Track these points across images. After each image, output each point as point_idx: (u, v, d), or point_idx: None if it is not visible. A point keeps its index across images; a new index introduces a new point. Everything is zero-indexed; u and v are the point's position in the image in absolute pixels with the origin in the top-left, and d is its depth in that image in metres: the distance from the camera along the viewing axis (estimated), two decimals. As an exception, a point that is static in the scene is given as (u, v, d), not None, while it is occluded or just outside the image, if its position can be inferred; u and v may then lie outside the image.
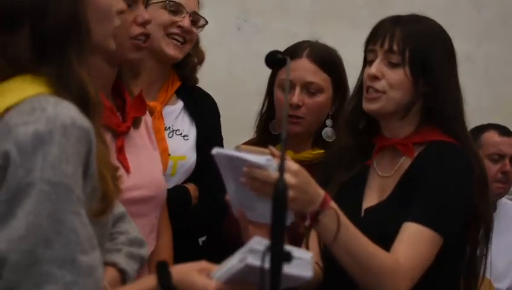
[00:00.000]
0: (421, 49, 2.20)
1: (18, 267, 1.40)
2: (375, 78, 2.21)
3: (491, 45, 4.06)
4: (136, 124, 2.29)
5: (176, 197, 2.58)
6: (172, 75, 2.81)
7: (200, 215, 2.71)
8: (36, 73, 1.51)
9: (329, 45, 2.79)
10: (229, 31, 4.01)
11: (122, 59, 2.11)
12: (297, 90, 2.64)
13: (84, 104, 1.51)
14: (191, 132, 2.79)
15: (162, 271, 1.64)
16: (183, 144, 2.76)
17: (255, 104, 2.89)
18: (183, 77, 2.83)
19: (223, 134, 2.88)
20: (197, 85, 2.90)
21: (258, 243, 1.54)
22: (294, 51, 2.65)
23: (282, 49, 3.55)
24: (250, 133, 2.95)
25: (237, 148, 1.93)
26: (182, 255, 2.29)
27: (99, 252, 1.48)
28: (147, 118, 2.38)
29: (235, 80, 3.95)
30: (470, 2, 4.06)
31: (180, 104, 2.81)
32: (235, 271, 1.59)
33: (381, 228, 2.13)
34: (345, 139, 2.33)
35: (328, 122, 2.69)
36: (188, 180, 2.75)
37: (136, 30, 2.21)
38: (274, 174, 1.82)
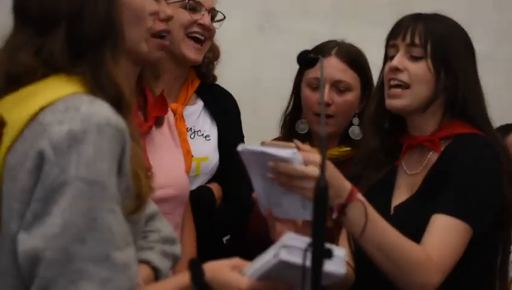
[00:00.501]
0: (443, 43, 2.22)
1: (54, 264, 1.42)
2: (397, 70, 2.22)
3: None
4: (158, 123, 2.30)
5: (199, 197, 2.61)
6: (191, 74, 2.81)
7: (224, 215, 2.72)
8: (70, 73, 1.53)
9: (351, 44, 2.82)
10: (251, 32, 4.03)
11: (144, 57, 2.12)
12: (327, 88, 2.65)
13: (118, 103, 1.53)
14: (212, 132, 2.79)
15: (195, 268, 1.65)
16: (205, 145, 2.76)
17: (277, 103, 2.90)
18: (201, 75, 2.84)
19: (245, 134, 2.89)
20: (219, 84, 2.91)
21: (291, 238, 1.55)
22: (323, 50, 2.66)
23: (303, 48, 3.58)
24: (273, 133, 2.96)
25: (262, 143, 1.93)
26: (207, 254, 2.30)
27: (133, 249, 1.49)
28: (169, 116, 2.39)
29: (258, 79, 3.97)
30: (491, 2, 4.07)
31: (200, 103, 2.81)
32: (268, 267, 1.59)
33: (411, 223, 2.12)
34: (371, 140, 2.33)
35: (355, 120, 2.71)
36: (211, 180, 2.76)
37: (159, 26, 2.22)
38: (299, 167, 1.84)
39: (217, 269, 1.66)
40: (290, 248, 1.54)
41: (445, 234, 2.08)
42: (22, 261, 1.45)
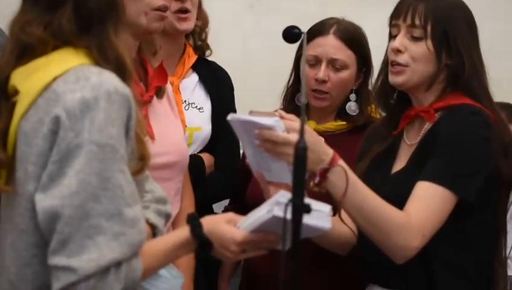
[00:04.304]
0: (443, 22, 2.26)
1: (71, 220, 1.54)
2: (398, 51, 2.28)
3: (495, 23, 4.13)
4: (159, 93, 2.41)
5: (190, 165, 2.66)
6: (188, 50, 2.91)
7: (214, 183, 2.83)
8: (77, 45, 1.65)
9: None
10: (241, 11, 4.08)
11: (145, 30, 2.20)
12: (323, 65, 2.72)
13: (121, 73, 1.65)
14: (206, 104, 2.91)
15: (194, 222, 1.78)
16: (198, 116, 2.88)
17: (267, 82, 2.97)
18: (197, 48, 2.94)
19: (241, 111, 2.98)
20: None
21: (284, 196, 1.68)
22: (322, 28, 2.74)
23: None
24: (262, 109, 3.02)
25: (250, 112, 2.05)
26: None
27: (140, 205, 1.62)
28: (168, 88, 2.50)
29: (248, 59, 4.02)
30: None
31: (195, 77, 2.92)
32: (261, 222, 1.73)
33: (401, 189, 2.18)
34: (372, 111, 2.40)
35: (352, 96, 2.78)
36: (203, 150, 2.88)
37: (159, 2, 2.31)
38: (282, 134, 1.95)
39: (213, 222, 1.79)
40: (283, 204, 1.66)
41: (427, 200, 2.13)
42: (40, 219, 1.57)
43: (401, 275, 2.20)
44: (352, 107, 2.77)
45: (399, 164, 2.32)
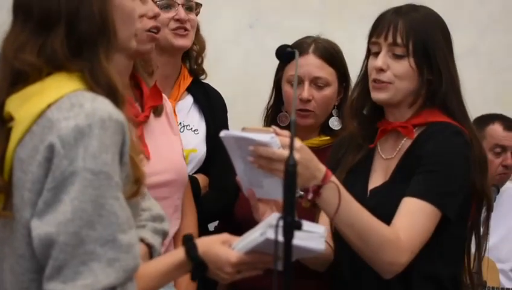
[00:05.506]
0: (424, 39, 2.27)
1: (66, 247, 1.55)
2: (381, 70, 2.29)
3: (494, 37, 4.15)
4: (156, 112, 2.44)
5: None
6: (183, 72, 2.95)
7: (209, 203, 2.86)
8: (70, 70, 1.66)
9: (339, 41, 2.90)
10: (242, 30, 4.10)
11: (137, 51, 2.21)
12: (306, 85, 2.77)
13: (114, 98, 1.66)
14: (201, 126, 2.94)
15: (189, 244, 1.80)
16: (194, 138, 2.91)
17: (267, 99, 2.99)
18: (192, 71, 2.97)
19: (237, 129, 3.00)
20: (211, 82, 3.03)
21: (277, 218, 1.67)
22: (300, 48, 2.76)
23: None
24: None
25: (243, 129, 2.05)
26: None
27: (135, 231, 1.63)
28: (166, 105, 2.52)
29: (249, 77, 4.04)
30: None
31: (189, 99, 2.95)
32: (255, 244, 1.74)
33: (385, 206, 2.21)
34: (351, 125, 2.42)
35: (334, 112, 2.83)
36: (199, 171, 2.91)
37: (149, 23, 2.34)
38: (278, 150, 1.96)
39: (208, 243, 1.81)
40: (276, 227, 1.66)
41: (414, 216, 2.17)
42: (36, 245, 1.58)
43: (378, 286, 2.23)
44: (335, 122, 2.83)
45: (376, 178, 2.34)
